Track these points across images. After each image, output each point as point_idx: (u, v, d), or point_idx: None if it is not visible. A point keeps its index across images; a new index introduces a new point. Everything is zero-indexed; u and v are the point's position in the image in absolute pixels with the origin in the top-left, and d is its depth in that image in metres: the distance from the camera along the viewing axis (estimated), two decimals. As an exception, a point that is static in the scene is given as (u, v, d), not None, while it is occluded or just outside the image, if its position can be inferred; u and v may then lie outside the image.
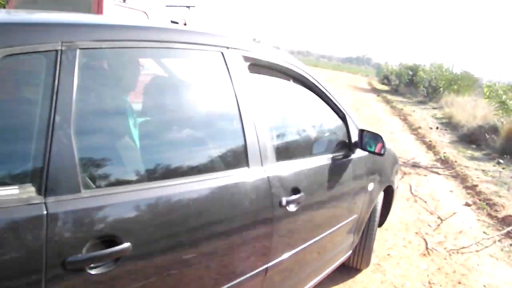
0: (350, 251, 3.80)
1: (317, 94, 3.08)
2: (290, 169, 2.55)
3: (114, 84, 1.98)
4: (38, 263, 1.42)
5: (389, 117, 17.02)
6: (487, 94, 10.95)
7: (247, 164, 2.26)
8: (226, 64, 2.25)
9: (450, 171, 8.88)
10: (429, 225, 5.81)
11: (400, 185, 7.33)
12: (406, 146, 11.09)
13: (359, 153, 3.37)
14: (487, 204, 6.94)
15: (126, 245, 1.64)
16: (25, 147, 1.47)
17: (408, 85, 32.15)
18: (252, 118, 2.30)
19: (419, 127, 14.23)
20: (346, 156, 3.23)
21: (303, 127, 3.11)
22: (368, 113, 17.28)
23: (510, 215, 6.36)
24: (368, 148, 3.32)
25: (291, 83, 2.92)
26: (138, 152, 1.97)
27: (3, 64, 1.44)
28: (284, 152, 2.64)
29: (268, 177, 2.33)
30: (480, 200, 7.16)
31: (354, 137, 3.32)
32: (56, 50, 1.55)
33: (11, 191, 1.41)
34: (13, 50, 1.45)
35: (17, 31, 1.53)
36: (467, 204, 6.93)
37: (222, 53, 2.25)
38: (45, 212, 1.43)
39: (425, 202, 6.68)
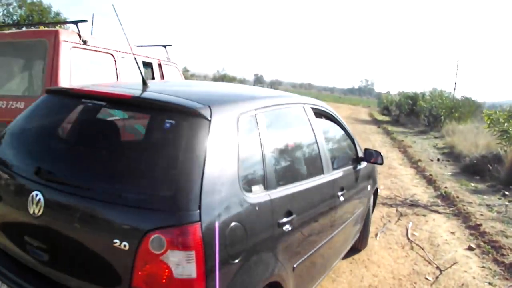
0: (358, 235, 5.30)
1: (340, 126, 4.67)
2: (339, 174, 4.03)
3: (280, 130, 3.39)
4: (274, 228, 2.74)
5: (389, 150, 16.42)
6: (488, 123, 10.39)
7: (322, 172, 3.65)
8: (306, 113, 3.71)
9: (452, 209, 8.24)
10: (426, 278, 5.14)
11: (395, 229, 6.73)
12: (405, 182, 10.46)
13: (363, 164, 4.93)
14: (492, 247, 6.28)
15: (294, 215, 2.94)
16: (259, 168, 2.75)
17: (409, 115, 31.66)
18: (322, 143, 3.75)
19: (419, 160, 13.61)
20: (356, 166, 4.70)
21: (338, 147, 4.65)
22: (366, 146, 16.68)
23: (518, 260, 5.71)
24: (371, 160, 4.94)
25: (329, 121, 4.44)
26: (290, 164, 3.34)
27: (241, 123, 2.66)
28: (331, 164, 3.89)
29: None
30: (484, 242, 6.50)
31: (360, 154, 4.96)
32: (255, 114, 2.86)
33: (258, 188, 2.69)
34: (242, 113, 2.71)
35: (243, 101, 2.93)
36: (470, 248, 6.27)
37: (303, 107, 3.73)
38: (268, 198, 2.71)
39: (423, 248, 6.02)
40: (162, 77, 7.37)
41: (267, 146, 2.83)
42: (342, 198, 3.95)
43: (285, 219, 2.83)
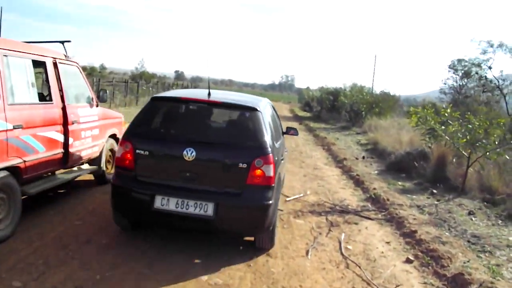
0: None
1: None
2: None
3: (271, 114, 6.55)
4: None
5: (312, 148, 15.97)
6: (415, 121, 10.04)
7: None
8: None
9: (383, 214, 7.71)
10: (367, 305, 4.48)
11: (327, 244, 6.06)
12: (333, 185, 9.89)
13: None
14: (431, 257, 5.74)
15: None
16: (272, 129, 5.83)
17: (330, 110, 31.68)
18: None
19: (345, 159, 13.17)
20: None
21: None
22: (289, 145, 16.10)
23: (460, 273, 5.18)
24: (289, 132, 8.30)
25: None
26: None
27: (265, 111, 5.91)
28: None
29: None
30: (422, 252, 5.96)
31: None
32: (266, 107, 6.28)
33: (276, 140, 5.89)
34: (264, 107, 6.01)
35: (261, 100, 6.16)
36: (409, 261, 5.70)
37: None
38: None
39: (359, 266, 5.36)
40: (59, 78, 6.31)
41: (278, 122, 6.99)
42: None
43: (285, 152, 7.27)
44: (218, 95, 5.79)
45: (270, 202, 4.89)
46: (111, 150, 8.07)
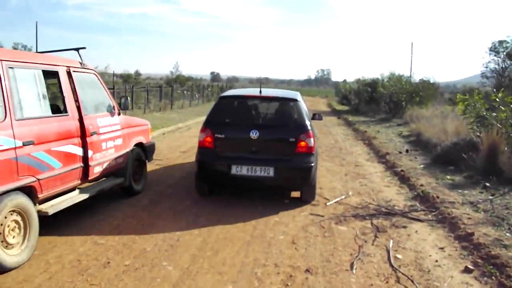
0: None
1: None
2: None
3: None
4: None
5: (353, 144, 15.27)
6: (462, 109, 9.29)
7: None
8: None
9: (434, 214, 7.03)
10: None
11: (374, 253, 5.44)
12: (376, 183, 9.23)
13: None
14: (493, 265, 5.05)
15: None
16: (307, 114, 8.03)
17: (369, 102, 30.76)
18: None
19: (387, 153, 12.46)
20: None
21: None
22: (328, 142, 15.49)
23: (531, 283, 4.50)
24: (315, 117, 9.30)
25: None
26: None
27: (301, 101, 8.08)
28: None
29: None
30: (482, 258, 5.28)
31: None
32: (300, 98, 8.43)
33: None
34: (300, 98, 8.37)
35: (296, 93, 8.90)
36: (468, 270, 5.02)
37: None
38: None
39: (412, 280, 4.73)
40: (74, 88, 5.90)
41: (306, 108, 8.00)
42: None
43: None
44: (267, 91, 8.41)
45: (312, 164, 7.05)
46: (138, 160, 7.66)
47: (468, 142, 11.31)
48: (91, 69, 6.62)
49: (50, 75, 5.68)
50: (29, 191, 4.85)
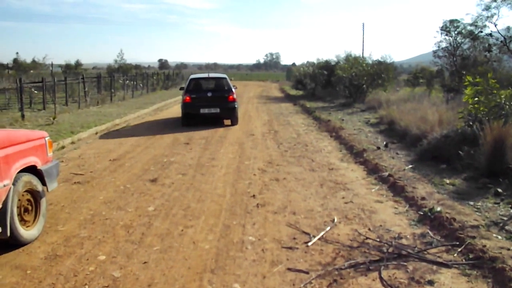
0: None
1: None
2: None
3: None
4: None
5: (318, 137, 13.09)
6: (471, 94, 7.25)
7: None
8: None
9: (460, 251, 4.92)
10: None
11: None
12: (363, 197, 7.05)
13: None
14: None
15: None
16: None
17: (325, 86, 28.77)
18: None
19: (364, 150, 10.33)
20: None
21: None
22: (289, 136, 13.27)
23: None
24: None
25: None
26: None
27: None
28: None
29: None
30: None
31: None
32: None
33: None
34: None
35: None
36: None
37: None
38: None
39: None
40: None
41: None
42: None
43: None
44: (212, 74, 18.78)
45: (236, 106, 15.62)
46: (30, 192, 5.22)
47: (461, 135, 9.37)
48: None
49: None
50: None
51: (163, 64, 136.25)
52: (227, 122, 16.07)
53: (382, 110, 16.12)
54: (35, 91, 21.90)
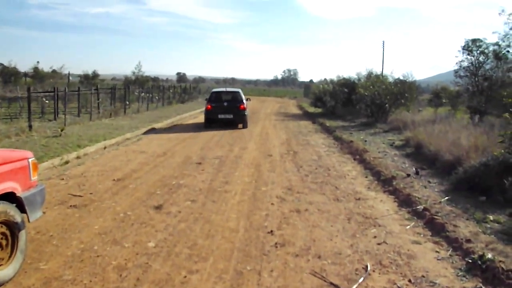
0: None
1: None
2: None
3: None
4: None
5: (340, 160, 12.14)
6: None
7: None
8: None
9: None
10: None
11: None
12: (398, 236, 6.07)
13: None
14: None
15: None
16: None
17: (346, 104, 27.82)
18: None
19: (392, 177, 9.37)
20: None
21: None
22: (310, 157, 12.32)
23: None
24: None
25: None
26: None
27: None
28: None
29: None
30: None
31: None
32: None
33: None
34: None
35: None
36: None
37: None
38: None
39: None
40: None
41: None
42: None
43: None
44: (229, 88, 24.71)
45: (246, 113, 20.71)
46: (6, 224, 4.38)
47: (503, 163, 8.40)
48: None
49: None
50: None
51: (181, 77, 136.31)
52: (242, 142, 15.46)
53: (408, 132, 15.14)
54: (46, 101, 21.30)
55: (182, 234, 5.83)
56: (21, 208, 4.64)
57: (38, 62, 58.86)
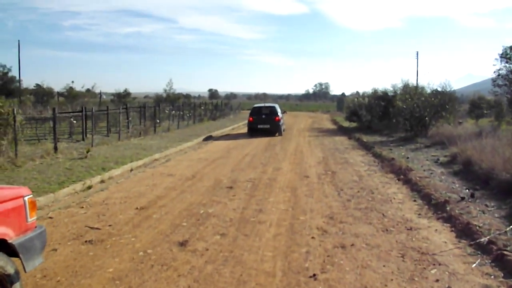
0: None
1: None
2: None
3: None
4: None
5: (384, 180, 11.14)
6: None
7: None
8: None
9: None
10: None
11: None
12: (465, 280, 5.12)
13: None
14: None
15: None
16: None
17: (382, 118, 26.72)
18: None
19: (445, 201, 8.36)
20: None
21: None
22: (350, 178, 11.36)
23: None
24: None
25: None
26: None
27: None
28: None
29: None
30: None
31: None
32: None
33: None
34: None
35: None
36: None
37: None
38: None
39: None
40: None
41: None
42: None
43: None
44: (266, 104, 29.48)
45: (280, 124, 25.63)
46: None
47: None
48: None
49: None
50: None
51: (213, 93, 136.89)
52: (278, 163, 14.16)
53: (454, 147, 14.03)
54: (74, 121, 20.90)
55: (209, 281, 4.95)
56: (16, 256, 3.88)
57: (72, 81, 59.22)
